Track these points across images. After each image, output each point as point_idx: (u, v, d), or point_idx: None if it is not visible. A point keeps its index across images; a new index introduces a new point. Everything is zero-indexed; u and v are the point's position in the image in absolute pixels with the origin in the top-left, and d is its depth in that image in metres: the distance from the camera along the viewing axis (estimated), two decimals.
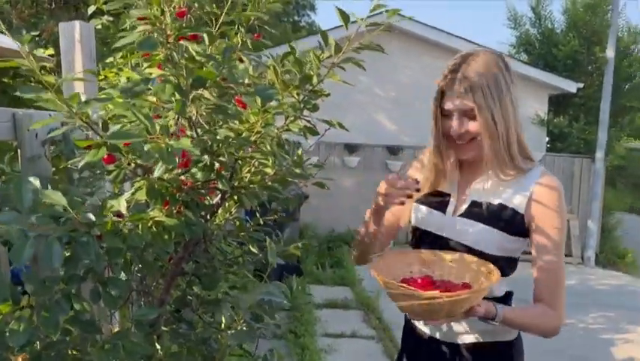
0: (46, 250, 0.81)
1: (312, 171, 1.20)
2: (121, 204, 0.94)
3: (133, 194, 0.98)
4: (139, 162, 0.89)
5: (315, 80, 1.01)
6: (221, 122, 1.04)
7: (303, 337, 3.92)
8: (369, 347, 4.04)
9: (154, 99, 0.85)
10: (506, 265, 1.34)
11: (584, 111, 8.72)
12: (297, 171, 1.07)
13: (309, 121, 1.05)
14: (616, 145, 8.62)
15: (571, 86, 8.20)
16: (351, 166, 7.82)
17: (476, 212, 1.33)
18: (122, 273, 1.01)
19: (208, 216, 1.15)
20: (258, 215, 1.40)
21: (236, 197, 1.04)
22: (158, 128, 0.80)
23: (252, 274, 1.52)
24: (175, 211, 0.99)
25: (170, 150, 0.75)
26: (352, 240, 1.59)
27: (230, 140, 0.91)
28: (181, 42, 0.80)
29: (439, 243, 1.36)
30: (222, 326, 1.21)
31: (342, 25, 0.99)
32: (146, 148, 0.79)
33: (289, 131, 1.03)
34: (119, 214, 0.94)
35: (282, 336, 4.03)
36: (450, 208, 1.38)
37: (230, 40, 1.10)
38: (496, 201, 1.32)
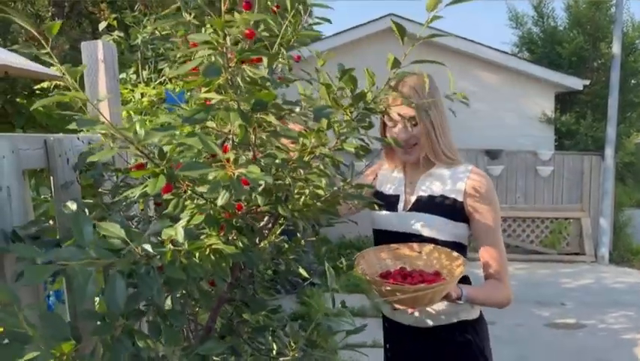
0: (109, 286, 0.78)
1: (362, 190, 1.17)
2: (178, 233, 0.91)
3: (189, 221, 0.94)
4: (200, 189, 0.86)
5: (369, 96, 0.98)
6: (272, 146, 1.01)
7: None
8: None
9: (213, 125, 0.82)
10: (458, 250, 1.50)
11: (592, 108, 8.68)
12: (351, 191, 1.04)
13: (362, 140, 1.01)
14: (625, 141, 8.57)
15: (577, 84, 8.17)
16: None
17: (422, 205, 1.55)
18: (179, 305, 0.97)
19: (257, 241, 1.12)
20: (298, 235, 1.37)
21: (292, 220, 1.00)
22: (231, 156, 0.76)
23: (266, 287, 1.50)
24: (230, 238, 0.96)
25: (238, 178, 0.71)
26: (363, 245, 1.80)
27: (290, 163, 0.88)
28: (243, 66, 0.77)
29: (396, 237, 1.55)
30: (274, 352, 1.18)
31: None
32: (210, 177, 0.76)
33: (342, 150, 1.00)
34: (173, 243, 0.91)
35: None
36: (400, 206, 1.61)
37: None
38: (437, 194, 1.55)
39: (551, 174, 7.86)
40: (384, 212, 1.63)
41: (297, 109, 0.92)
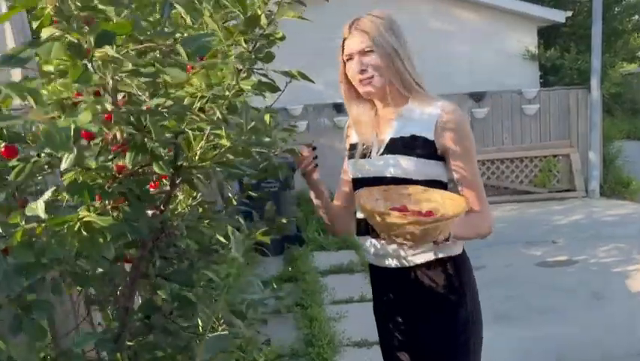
0: None
1: (282, 136, 1.00)
2: (39, 208, 0.75)
3: (55, 192, 0.78)
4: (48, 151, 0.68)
5: (263, 20, 0.80)
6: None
7: (310, 308, 3.78)
8: None
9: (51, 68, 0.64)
10: (438, 188, 1.49)
11: (575, 40, 8.44)
12: (265, 139, 0.87)
13: (265, 75, 0.84)
14: (611, 72, 8.36)
15: (559, 16, 7.90)
16: (341, 126, 7.57)
17: (394, 147, 1.51)
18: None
19: (163, 207, 0.95)
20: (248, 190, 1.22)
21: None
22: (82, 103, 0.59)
23: (254, 250, 1.37)
24: (111, 207, 0.79)
25: (62, 131, 0.54)
26: None
27: (165, 110, 0.70)
28: None
29: (371, 183, 1.51)
30: (200, 329, 1.03)
31: None
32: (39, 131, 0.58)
33: (242, 91, 0.82)
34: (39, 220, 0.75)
35: (288, 310, 3.90)
36: (373, 152, 1.57)
37: None
38: (408, 134, 1.50)
39: (537, 112, 7.67)
40: (358, 160, 1.60)
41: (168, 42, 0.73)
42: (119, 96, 0.92)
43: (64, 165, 0.64)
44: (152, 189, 0.99)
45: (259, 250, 4.30)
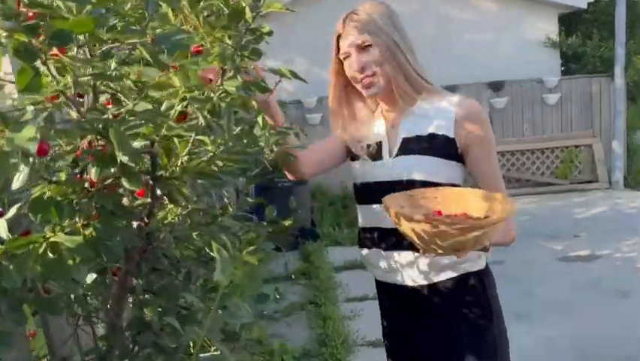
0: None
1: (274, 140, 0.91)
2: (0, 227, 0.67)
3: (19, 208, 0.70)
4: None
5: (248, 13, 0.71)
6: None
7: (324, 306, 3.70)
8: None
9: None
10: None
11: (598, 27, 8.17)
12: (250, 148, 0.78)
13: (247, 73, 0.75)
14: (635, 59, 8.09)
15: (581, 2, 7.62)
16: None
17: (410, 147, 1.37)
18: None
19: (147, 219, 0.88)
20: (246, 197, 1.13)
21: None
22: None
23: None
24: (82, 225, 0.72)
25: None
26: None
27: (132, 117, 0.62)
28: None
29: (385, 189, 1.31)
30: (192, 349, 0.96)
31: None
32: None
33: (226, 93, 0.74)
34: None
35: (302, 307, 3.83)
36: (385, 153, 1.42)
37: None
38: (425, 132, 1.36)
39: (559, 101, 7.44)
40: (367, 161, 1.44)
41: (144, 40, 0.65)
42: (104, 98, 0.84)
43: (15, 186, 0.57)
44: (139, 199, 0.91)
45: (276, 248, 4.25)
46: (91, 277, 0.94)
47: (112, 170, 0.67)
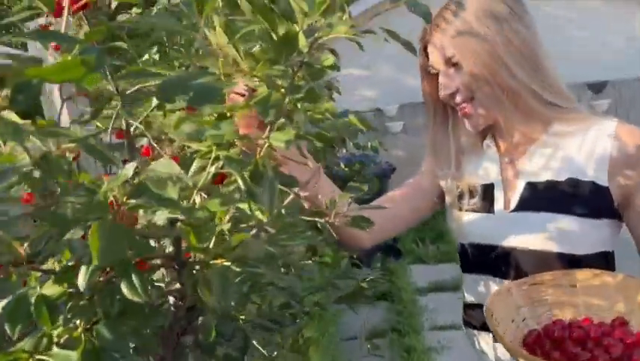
0: None
1: (345, 198, 0.70)
2: None
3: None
4: None
5: (303, 41, 0.50)
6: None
7: (407, 335, 3.41)
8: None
9: None
10: (604, 264, 0.95)
11: None
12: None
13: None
14: None
15: None
16: None
17: (537, 198, 0.97)
18: None
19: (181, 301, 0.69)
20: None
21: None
22: None
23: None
24: (83, 330, 0.54)
25: None
26: None
27: (136, 183, 0.44)
28: None
29: (495, 256, 1.00)
30: None
31: None
32: None
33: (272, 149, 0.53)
34: None
35: (383, 334, 3.56)
36: (498, 204, 1.03)
37: None
38: (562, 177, 0.96)
39: None
40: (472, 215, 1.05)
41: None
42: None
43: None
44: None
45: (353, 264, 4.03)
46: None
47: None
